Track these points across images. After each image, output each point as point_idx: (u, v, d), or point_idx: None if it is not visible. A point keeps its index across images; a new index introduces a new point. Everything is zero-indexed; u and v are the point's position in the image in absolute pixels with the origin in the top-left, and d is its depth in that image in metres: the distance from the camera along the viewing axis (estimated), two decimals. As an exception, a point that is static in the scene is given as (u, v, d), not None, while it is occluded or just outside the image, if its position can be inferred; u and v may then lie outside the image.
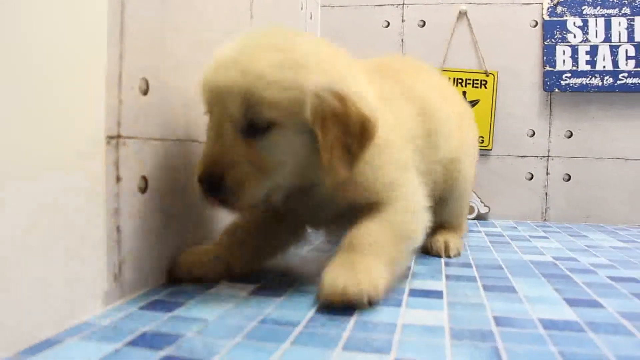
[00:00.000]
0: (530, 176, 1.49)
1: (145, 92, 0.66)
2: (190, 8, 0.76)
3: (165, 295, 0.65)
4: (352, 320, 0.57)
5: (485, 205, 1.48)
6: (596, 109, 1.47)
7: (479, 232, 1.25)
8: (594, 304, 0.66)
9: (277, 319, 0.57)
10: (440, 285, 0.73)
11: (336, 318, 0.58)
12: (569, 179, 1.48)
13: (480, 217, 1.48)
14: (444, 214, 0.96)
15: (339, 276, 0.61)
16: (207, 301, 0.63)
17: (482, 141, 1.47)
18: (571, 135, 1.48)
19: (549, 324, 0.57)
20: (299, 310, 0.60)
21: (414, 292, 0.69)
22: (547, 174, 1.49)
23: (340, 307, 0.60)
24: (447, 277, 0.78)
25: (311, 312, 0.60)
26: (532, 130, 1.49)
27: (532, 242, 1.12)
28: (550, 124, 1.48)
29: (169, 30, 0.71)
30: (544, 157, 1.49)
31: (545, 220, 1.49)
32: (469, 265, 0.86)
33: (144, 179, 0.66)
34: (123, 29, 0.61)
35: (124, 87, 0.62)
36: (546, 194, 1.49)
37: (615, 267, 0.88)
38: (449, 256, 0.93)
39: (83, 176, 0.56)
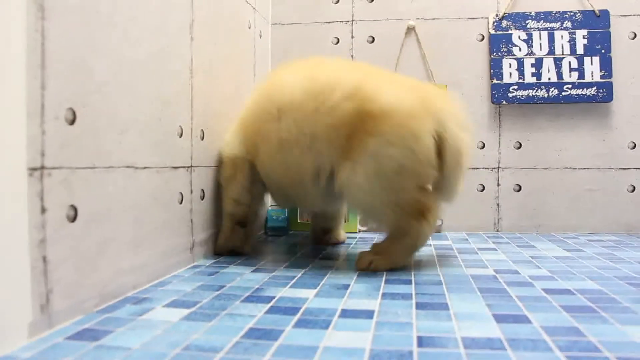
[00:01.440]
0: (481, 188, 1.51)
1: (71, 122, 0.66)
2: (115, 29, 0.76)
3: (96, 324, 0.65)
4: (276, 345, 0.57)
5: (438, 219, 1.49)
6: (544, 120, 1.50)
7: (429, 245, 1.27)
8: (521, 319, 0.67)
9: (201, 345, 0.57)
10: (374, 304, 0.74)
11: (261, 343, 0.58)
12: (520, 189, 1.51)
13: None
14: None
15: None
16: (137, 328, 0.63)
17: (433, 154, 1.50)
18: (520, 146, 1.50)
19: (470, 343, 0.58)
20: (225, 335, 0.60)
21: (345, 312, 0.69)
22: (498, 185, 1.51)
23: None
24: (384, 295, 0.79)
25: (237, 337, 0.60)
26: (482, 142, 1.51)
27: (478, 254, 1.14)
28: (499, 135, 1.51)
29: (95, 55, 0.71)
30: (494, 168, 1.51)
31: (498, 231, 1.51)
32: (408, 282, 0.87)
33: (73, 208, 0.66)
34: (44, 57, 0.61)
35: (47, 118, 0.62)
36: (498, 205, 1.51)
37: (554, 279, 0.90)
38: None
39: (4, 208, 0.55)
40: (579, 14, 1.48)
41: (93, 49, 0.71)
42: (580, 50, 1.47)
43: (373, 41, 1.54)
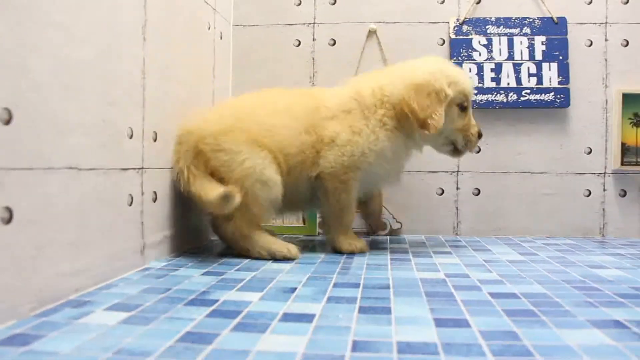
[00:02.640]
0: (441, 191, 1.52)
1: (7, 122, 0.65)
2: (58, 29, 0.75)
3: (29, 328, 0.63)
4: (209, 349, 0.57)
5: (397, 221, 1.50)
6: (503, 125, 1.51)
7: (386, 248, 1.27)
8: (461, 324, 0.67)
9: (133, 349, 0.57)
10: (317, 307, 0.73)
11: (194, 347, 0.57)
12: (479, 193, 1.52)
13: (393, 233, 1.50)
14: None
15: None
16: (72, 332, 0.62)
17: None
18: (479, 150, 1.51)
19: (404, 347, 0.58)
20: (160, 339, 0.60)
21: (286, 316, 0.69)
22: (458, 188, 1.52)
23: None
24: (329, 299, 0.79)
25: (171, 341, 0.59)
26: (441, 146, 1.52)
27: (432, 258, 1.14)
28: (459, 139, 1.51)
29: (34, 54, 0.70)
30: (453, 172, 1.52)
31: (457, 234, 1.52)
32: (356, 286, 0.87)
33: (8, 210, 0.65)
34: (-23, 57, 0.60)
35: (-20, 117, 0.61)
36: (457, 208, 1.52)
37: (502, 283, 0.90)
38: None
39: None
40: (537, 21, 1.49)
41: (32, 49, 0.69)
42: (538, 56, 1.49)
43: (334, 44, 1.54)
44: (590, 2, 1.50)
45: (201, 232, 1.32)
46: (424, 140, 1.22)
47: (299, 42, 1.55)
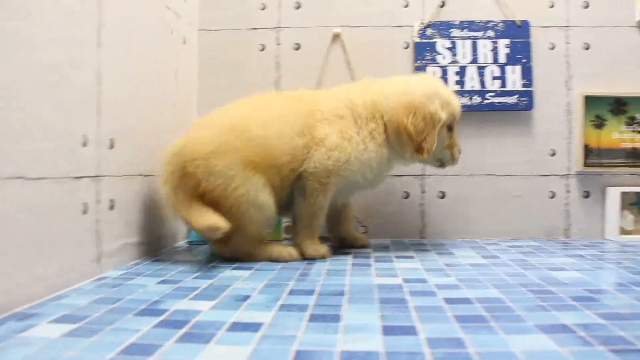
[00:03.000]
0: (406, 195, 1.52)
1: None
2: (3, 34, 0.74)
3: (-30, 343, 0.63)
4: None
5: (362, 225, 1.50)
6: (469, 128, 1.52)
7: (348, 253, 1.27)
8: (409, 331, 0.67)
9: (71, 364, 0.56)
10: (267, 316, 0.73)
11: (135, 359, 0.57)
12: (444, 196, 1.52)
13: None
14: None
15: None
16: (10, 347, 0.61)
17: (359, 161, 1.50)
18: (445, 153, 1.51)
19: (347, 356, 0.58)
20: (101, 352, 0.59)
21: (234, 325, 0.69)
22: (423, 192, 1.52)
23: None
24: (281, 306, 0.78)
25: (113, 353, 0.58)
26: (407, 149, 1.52)
27: (394, 263, 1.14)
28: (424, 143, 1.52)
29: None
30: (419, 175, 1.52)
31: (423, 237, 1.52)
32: (311, 293, 0.87)
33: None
34: None
35: None
36: (422, 211, 1.52)
37: (459, 288, 0.91)
38: None
39: None
40: (501, 24, 1.50)
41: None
42: (502, 59, 1.50)
43: (299, 48, 1.54)
44: (552, 6, 1.51)
45: (165, 238, 1.31)
46: (416, 159, 1.26)
47: (264, 46, 1.55)
